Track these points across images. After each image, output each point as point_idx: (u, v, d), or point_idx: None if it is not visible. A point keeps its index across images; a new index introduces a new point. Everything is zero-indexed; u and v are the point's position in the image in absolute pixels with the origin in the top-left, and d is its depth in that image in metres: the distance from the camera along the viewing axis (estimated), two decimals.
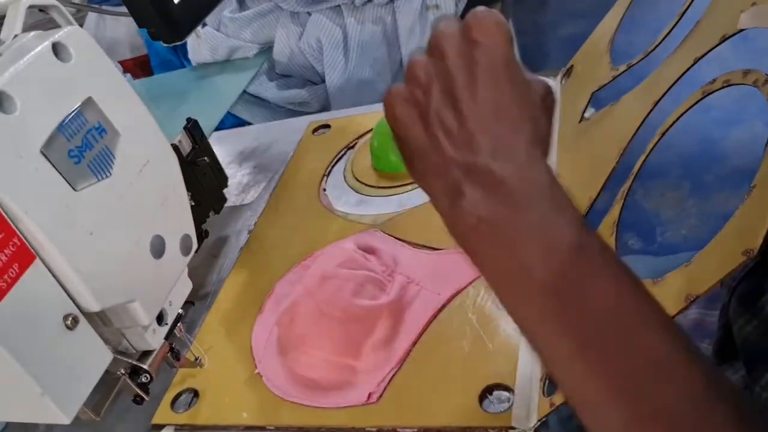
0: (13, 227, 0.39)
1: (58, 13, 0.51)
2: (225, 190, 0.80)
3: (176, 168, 0.52)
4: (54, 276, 0.41)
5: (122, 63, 1.78)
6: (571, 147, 0.67)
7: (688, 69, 0.51)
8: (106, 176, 0.45)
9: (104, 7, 1.09)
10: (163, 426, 0.61)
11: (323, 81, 1.25)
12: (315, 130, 0.95)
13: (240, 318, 0.69)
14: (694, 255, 0.87)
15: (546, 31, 2.35)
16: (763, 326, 0.43)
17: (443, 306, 0.61)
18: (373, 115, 0.93)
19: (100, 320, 0.48)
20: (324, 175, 0.85)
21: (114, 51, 1.90)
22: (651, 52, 0.62)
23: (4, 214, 0.39)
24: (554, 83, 0.85)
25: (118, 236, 0.45)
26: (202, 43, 1.29)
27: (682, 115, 0.49)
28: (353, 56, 1.19)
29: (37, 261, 0.40)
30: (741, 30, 0.46)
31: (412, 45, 1.18)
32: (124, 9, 0.73)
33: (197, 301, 0.74)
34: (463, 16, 0.90)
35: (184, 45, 1.40)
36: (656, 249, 1.55)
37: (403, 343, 0.58)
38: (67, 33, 0.45)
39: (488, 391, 0.53)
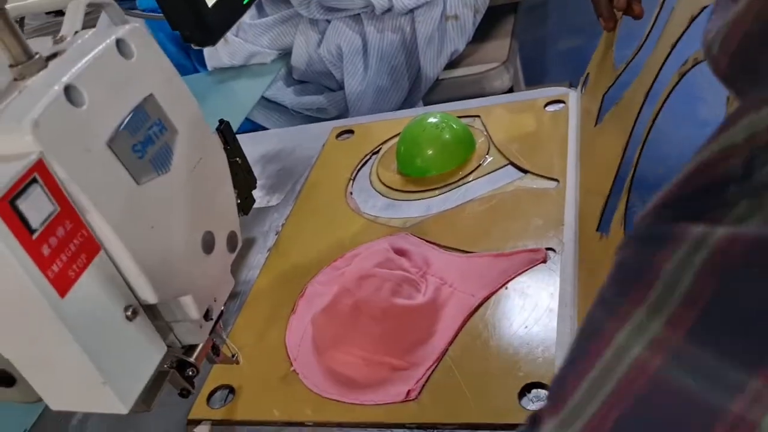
0: (82, 218, 0.40)
1: (114, 11, 0.52)
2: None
3: (225, 166, 0.53)
4: (117, 268, 0.42)
5: None
6: (588, 151, 0.69)
7: (667, 56, 0.53)
8: (166, 172, 0.46)
9: (143, 12, 1.10)
10: (199, 421, 0.62)
11: (340, 88, 1.26)
12: (339, 134, 0.96)
13: (272, 317, 0.69)
14: None
15: (546, 46, 2.39)
16: None
17: (478, 307, 0.62)
18: (395, 121, 0.94)
19: (151, 314, 0.48)
20: (350, 179, 0.86)
21: None
22: (643, 44, 0.65)
23: (73, 205, 0.40)
24: (574, 93, 0.86)
25: (175, 231, 0.46)
26: (221, 48, 1.31)
27: (666, 99, 0.51)
28: (372, 64, 1.21)
29: (102, 252, 0.41)
30: (705, 6, 0.48)
31: (430, 54, 1.20)
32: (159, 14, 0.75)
33: (228, 300, 0.74)
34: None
35: (200, 49, 1.42)
36: None
37: (440, 342, 0.59)
38: (128, 30, 0.46)
39: (526, 389, 0.54)
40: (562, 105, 0.86)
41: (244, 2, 0.85)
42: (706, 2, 0.50)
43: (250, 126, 1.39)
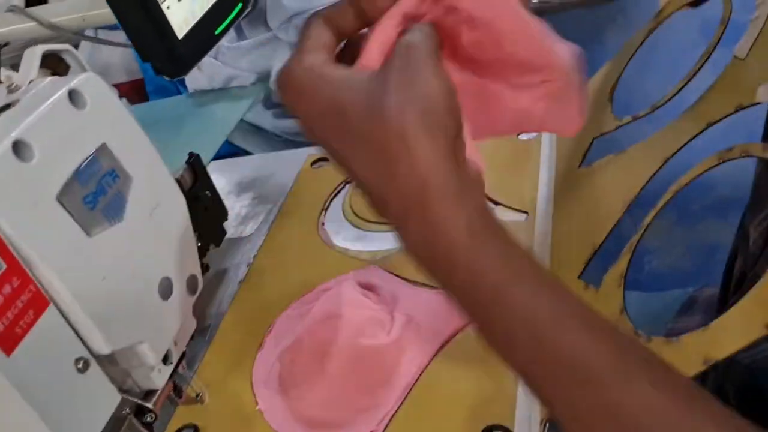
0: (30, 274, 0.40)
1: (72, 57, 0.52)
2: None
3: (184, 209, 0.53)
4: (67, 321, 0.42)
5: (117, 86, 1.78)
6: (570, 191, 0.69)
7: (701, 132, 0.53)
8: (119, 221, 0.45)
9: (108, 39, 1.10)
10: None
11: None
12: (314, 162, 0.96)
13: (240, 353, 0.69)
14: (685, 293, 0.88)
15: None
16: None
17: (443, 345, 0.62)
18: None
19: (107, 361, 0.48)
20: (323, 209, 0.86)
21: (109, 74, 1.91)
22: (659, 107, 0.64)
23: (20, 261, 0.39)
24: None
25: (129, 280, 0.46)
26: (200, 70, 1.31)
27: (697, 176, 0.51)
28: None
29: (52, 307, 0.41)
30: (757, 103, 0.47)
31: None
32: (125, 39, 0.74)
33: (197, 335, 0.74)
34: None
35: None
36: (644, 277, 1.57)
37: (403, 382, 0.59)
38: (82, 80, 0.46)
39: (488, 431, 0.54)
40: (535, 134, 0.86)
41: (216, 32, 0.85)
42: (763, 99, 0.47)
43: (229, 148, 1.39)
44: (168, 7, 0.72)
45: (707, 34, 0.64)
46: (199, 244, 0.55)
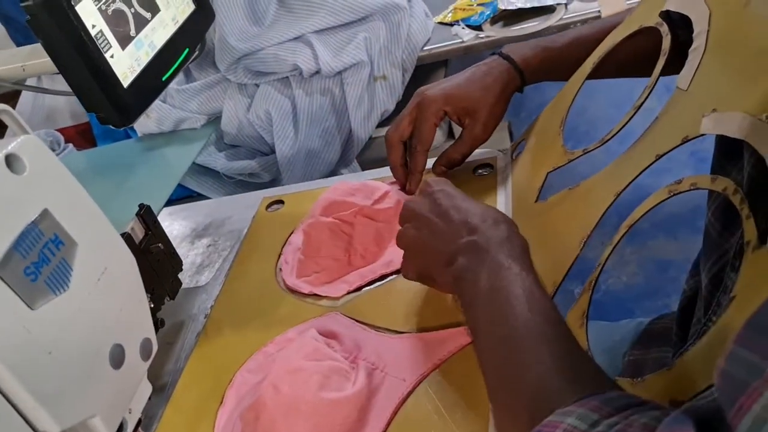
0: None
1: (10, 118, 0.49)
2: None
3: (134, 270, 0.51)
4: (10, 403, 0.40)
5: (63, 131, 1.75)
6: (528, 227, 0.68)
7: (650, 165, 0.53)
8: (64, 290, 0.43)
9: (52, 85, 1.07)
10: None
11: (272, 151, 1.25)
12: (269, 206, 0.94)
13: (200, 410, 0.66)
14: (643, 323, 0.88)
15: None
16: None
17: (409, 392, 0.60)
18: (325, 190, 0.93)
19: None
20: (280, 253, 0.84)
21: (54, 119, 1.86)
22: (608, 140, 0.64)
23: None
24: (503, 156, 0.87)
25: (77, 351, 0.44)
26: (147, 115, 1.28)
27: (647, 212, 0.51)
28: (303, 127, 1.20)
29: None
30: (702, 134, 0.47)
31: (360, 115, 1.19)
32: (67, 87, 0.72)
33: (154, 393, 0.71)
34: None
35: None
36: (601, 297, 1.59)
37: None
38: (19, 143, 0.44)
39: None
40: (491, 169, 0.86)
41: (164, 78, 0.83)
42: (707, 131, 0.48)
43: (183, 192, 1.36)
44: (112, 56, 0.70)
45: None
46: (152, 305, 0.53)
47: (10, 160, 0.43)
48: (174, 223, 1.01)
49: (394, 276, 0.74)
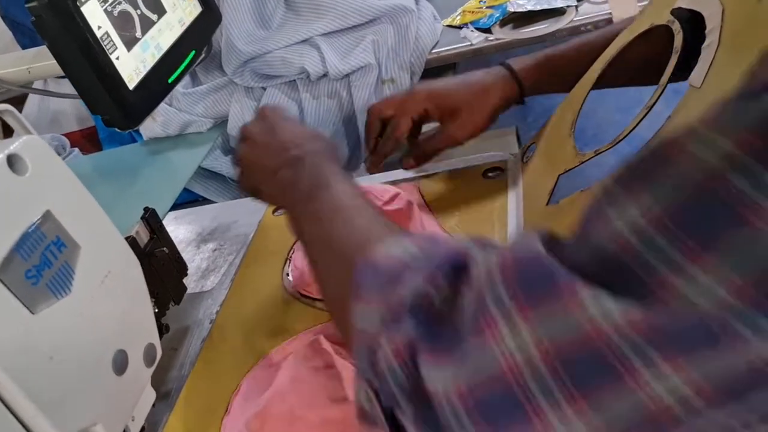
0: None
1: (13, 118, 0.48)
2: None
3: (138, 274, 0.50)
4: (9, 409, 0.38)
5: (69, 135, 1.74)
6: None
7: None
8: (66, 294, 0.42)
9: (58, 88, 1.06)
10: None
11: None
12: (275, 210, 0.93)
13: (205, 418, 0.65)
14: None
15: None
16: None
17: None
18: None
19: None
20: (286, 258, 0.83)
21: (59, 123, 1.86)
22: (620, 141, 0.63)
23: None
24: (513, 160, 0.85)
25: (79, 357, 0.43)
26: (154, 117, 1.27)
27: None
28: None
29: None
30: None
31: None
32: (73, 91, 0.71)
33: (158, 400, 0.69)
34: None
35: None
36: None
37: None
38: (22, 144, 0.43)
39: None
40: (501, 172, 0.84)
41: (170, 80, 0.82)
42: None
43: (188, 196, 1.35)
44: (117, 58, 0.69)
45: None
46: (156, 310, 0.52)
47: (12, 161, 0.42)
48: (179, 227, 1.00)
49: None
